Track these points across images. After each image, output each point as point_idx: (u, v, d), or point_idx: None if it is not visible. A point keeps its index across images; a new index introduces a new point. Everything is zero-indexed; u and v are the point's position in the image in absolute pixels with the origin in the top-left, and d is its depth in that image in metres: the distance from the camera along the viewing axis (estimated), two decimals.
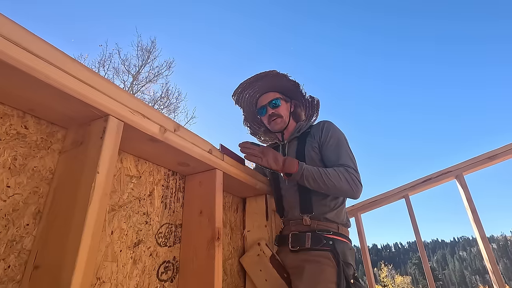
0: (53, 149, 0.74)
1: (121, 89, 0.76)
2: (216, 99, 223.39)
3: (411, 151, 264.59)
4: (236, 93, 1.54)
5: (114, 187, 0.86)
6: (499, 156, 1.76)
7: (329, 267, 1.11)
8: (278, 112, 1.45)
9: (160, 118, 0.86)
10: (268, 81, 1.47)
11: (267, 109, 1.47)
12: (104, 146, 0.67)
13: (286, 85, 1.49)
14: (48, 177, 0.71)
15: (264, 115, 1.49)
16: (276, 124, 1.45)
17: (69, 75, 0.62)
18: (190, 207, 1.09)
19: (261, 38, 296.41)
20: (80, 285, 0.56)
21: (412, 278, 73.39)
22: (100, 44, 14.31)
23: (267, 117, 1.48)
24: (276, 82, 1.47)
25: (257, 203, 1.47)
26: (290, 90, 1.51)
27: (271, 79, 1.46)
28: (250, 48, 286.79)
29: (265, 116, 1.49)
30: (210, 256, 0.96)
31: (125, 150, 0.92)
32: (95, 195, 0.63)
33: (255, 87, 1.51)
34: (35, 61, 0.55)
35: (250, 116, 1.63)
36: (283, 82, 1.48)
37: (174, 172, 1.12)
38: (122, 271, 0.82)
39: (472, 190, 1.81)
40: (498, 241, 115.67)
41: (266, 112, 1.48)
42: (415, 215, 1.93)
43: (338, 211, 1.29)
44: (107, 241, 0.80)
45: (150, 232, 0.95)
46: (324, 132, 1.35)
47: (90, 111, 0.70)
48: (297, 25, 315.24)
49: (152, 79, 14.27)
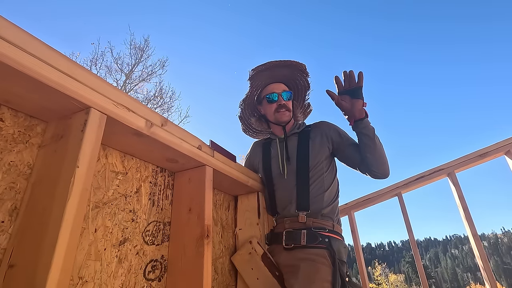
0: (32, 143, 0.70)
1: (104, 81, 0.73)
2: (211, 97, 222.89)
3: (403, 149, 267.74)
4: (257, 70, 1.42)
5: (98, 184, 0.83)
6: (489, 154, 1.78)
7: (324, 266, 1.10)
8: (288, 106, 1.43)
9: (146, 112, 0.84)
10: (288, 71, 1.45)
11: (279, 98, 1.41)
12: (85, 140, 0.64)
13: (298, 83, 1.50)
14: (26, 172, 0.68)
15: (273, 102, 1.42)
16: (285, 116, 1.41)
17: (47, 64, 0.59)
18: (179, 205, 1.06)
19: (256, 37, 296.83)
20: (56, 284, 0.53)
21: (406, 276, 74.16)
22: (92, 42, 14.15)
23: (276, 105, 1.41)
24: (292, 75, 1.47)
25: (249, 201, 1.45)
26: (298, 90, 1.52)
27: (293, 70, 1.45)
28: (245, 46, 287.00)
29: (273, 104, 1.42)
30: (199, 254, 0.94)
31: (111, 146, 0.89)
32: (75, 190, 0.60)
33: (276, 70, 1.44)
34: (7, 47, 0.51)
35: (250, 100, 1.52)
36: (299, 80, 1.49)
37: (163, 168, 1.09)
38: (106, 270, 0.79)
39: (463, 187, 1.82)
40: (489, 239, 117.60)
41: (276, 100, 1.41)
42: (408, 213, 1.93)
43: (333, 206, 1.29)
44: (90, 239, 0.77)
45: (137, 230, 0.92)
46: (335, 130, 1.40)
47: (70, 103, 0.67)
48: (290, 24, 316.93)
49: (145, 78, 14.16)
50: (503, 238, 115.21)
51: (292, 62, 1.41)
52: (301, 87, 1.51)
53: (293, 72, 1.46)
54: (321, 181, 1.29)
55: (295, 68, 1.44)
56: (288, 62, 1.41)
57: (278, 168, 1.38)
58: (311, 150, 1.34)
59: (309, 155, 1.32)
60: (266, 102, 1.44)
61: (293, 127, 1.47)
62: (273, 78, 1.46)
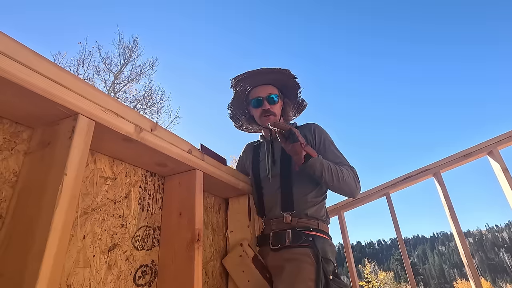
0: (18, 150, 0.69)
1: (93, 86, 0.72)
2: (203, 95, 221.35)
3: (391, 147, 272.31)
4: (238, 79, 1.44)
5: (87, 190, 0.82)
6: (473, 154, 1.83)
7: (308, 265, 1.11)
8: (273, 110, 1.41)
9: (135, 117, 0.83)
10: (273, 75, 1.42)
11: (264, 103, 1.41)
12: (73, 147, 0.64)
13: (287, 84, 1.47)
14: (11, 180, 0.66)
15: (258, 107, 1.42)
16: (268, 121, 1.40)
17: (33, 71, 0.58)
18: (169, 209, 1.06)
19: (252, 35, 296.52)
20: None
21: (395, 273, 75.47)
22: (79, 42, 13.87)
23: (260, 110, 1.41)
24: (280, 77, 1.43)
25: (239, 204, 1.45)
26: (287, 88, 1.49)
27: (278, 74, 1.42)
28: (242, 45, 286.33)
29: (258, 109, 1.42)
30: (190, 258, 0.94)
31: (99, 151, 0.88)
32: (63, 198, 0.59)
33: (258, 77, 1.43)
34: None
35: (237, 102, 1.54)
36: (287, 81, 1.45)
37: (153, 173, 1.08)
38: (96, 277, 0.79)
39: (450, 186, 1.87)
40: (474, 236, 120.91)
41: (261, 104, 1.41)
42: (395, 212, 1.97)
43: (318, 207, 1.30)
44: (78, 246, 0.76)
45: (127, 235, 0.92)
46: (317, 134, 1.38)
47: (58, 110, 0.66)
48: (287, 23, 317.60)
49: (134, 78, 13.94)
50: (487, 234, 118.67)
51: (273, 69, 1.39)
52: (290, 87, 1.49)
53: (278, 75, 1.44)
54: (305, 183, 1.31)
55: (279, 73, 1.42)
56: (270, 70, 1.39)
57: (265, 170, 1.40)
58: None
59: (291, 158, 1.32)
60: (252, 107, 1.46)
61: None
62: (260, 81, 1.45)
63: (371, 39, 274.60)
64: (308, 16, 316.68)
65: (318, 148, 1.35)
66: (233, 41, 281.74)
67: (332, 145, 1.37)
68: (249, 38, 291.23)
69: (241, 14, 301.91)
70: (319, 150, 1.34)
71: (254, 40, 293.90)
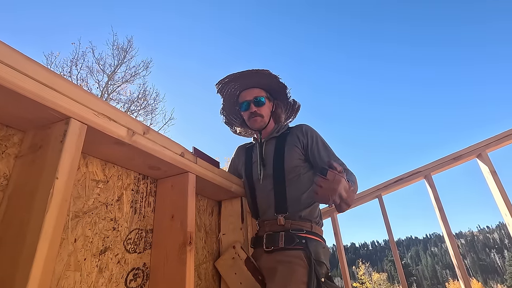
0: (8, 153, 0.69)
1: (85, 90, 0.73)
2: (198, 98, 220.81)
3: (382, 149, 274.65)
4: (221, 83, 1.47)
5: (78, 193, 0.82)
6: (463, 157, 1.87)
7: (300, 267, 1.12)
8: (260, 112, 1.43)
9: (127, 120, 0.83)
10: (257, 78, 1.44)
11: (250, 106, 1.44)
12: (64, 150, 0.64)
13: (273, 85, 1.48)
14: (2, 183, 0.66)
15: (246, 110, 1.46)
16: (256, 123, 1.44)
17: (24, 74, 0.58)
18: (162, 212, 1.06)
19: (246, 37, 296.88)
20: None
21: (388, 275, 75.94)
22: (72, 42, 13.74)
23: (248, 113, 1.45)
24: (265, 80, 1.45)
25: (232, 206, 1.46)
26: (275, 90, 1.51)
27: (261, 76, 1.43)
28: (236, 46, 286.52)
29: (246, 112, 1.46)
30: (182, 261, 0.94)
31: (91, 154, 0.88)
32: (54, 202, 0.59)
33: (242, 80, 1.46)
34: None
35: (228, 106, 1.57)
36: (271, 82, 1.46)
37: (145, 176, 1.08)
38: (87, 280, 0.79)
39: (442, 188, 1.91)
40: (466, 237, 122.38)
41: (248, 108, 1.44)
42: (387, 214, 2.00)
43: (312, 208, 1.31)
44: (69, 249, 0.76)
45: (118, 238, 0.92)
46: (309, 135, 1.39)
47: (49, 114, 0.66)
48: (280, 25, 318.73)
49: (128, 79, 13.85)
50: (479, 235, 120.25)
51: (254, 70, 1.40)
52: (277, 87, 1.50)
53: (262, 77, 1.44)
54: (298, 184, 1.32)
55: (262, 74, 1.42)
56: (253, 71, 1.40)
57: (257, 173, 1.40)
58: (287, 154, 1.35)
59: (284, 159, 1.34)
60: (241, 111, 1.50)
61: (272, 130, 1.49)
62: (245, 85, 1.47)
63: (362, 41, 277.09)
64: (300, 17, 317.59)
65: (310, 149, 1.36)
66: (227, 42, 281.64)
67: (325, 146, 1.38)
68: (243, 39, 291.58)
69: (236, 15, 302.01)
70: (311, 151, 1.35)
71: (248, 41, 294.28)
